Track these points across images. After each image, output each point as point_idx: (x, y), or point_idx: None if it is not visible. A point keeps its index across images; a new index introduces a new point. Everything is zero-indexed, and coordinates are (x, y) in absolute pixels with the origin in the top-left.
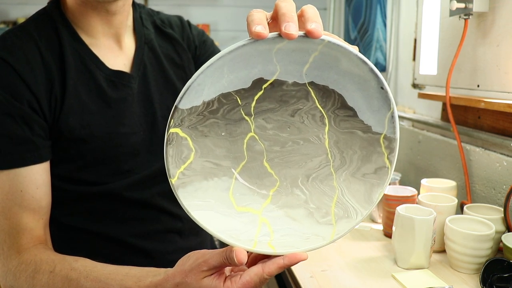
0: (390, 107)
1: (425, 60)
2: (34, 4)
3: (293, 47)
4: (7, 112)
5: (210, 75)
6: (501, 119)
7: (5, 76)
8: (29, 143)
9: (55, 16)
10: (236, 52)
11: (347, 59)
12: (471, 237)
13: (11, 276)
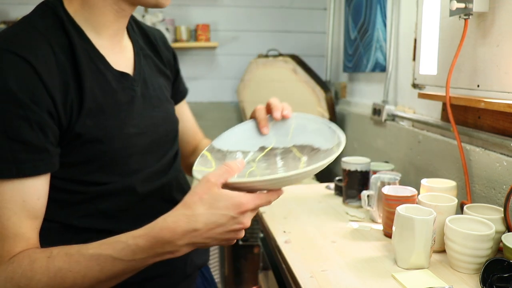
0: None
1: (425, 60)
2: (33, 4)
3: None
4: (25, 118)
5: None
6: (501, 119)
7: (27, 78)
8: (42, 152)
9: (59, 12)
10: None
11: (310, 122)
12: (471, 237)
13: (2, 280)
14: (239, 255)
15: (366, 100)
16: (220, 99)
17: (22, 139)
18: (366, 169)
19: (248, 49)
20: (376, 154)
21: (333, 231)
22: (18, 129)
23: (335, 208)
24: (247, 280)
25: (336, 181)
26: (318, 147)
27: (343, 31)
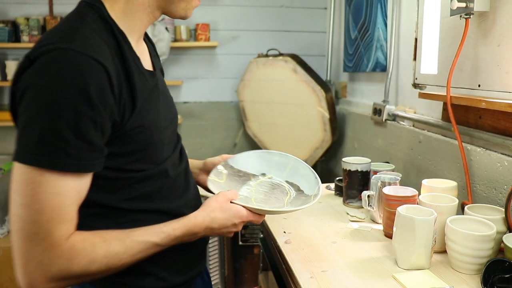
0: (318, 184)
1: (425, 60)
2: (33, 4)
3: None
4: (94, 120)
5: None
6: (502, 119)
7: (102, 83)
8: (99, 152)
9: (106, 17)
10: (258, 157)
11: (302, 166)
12: (472, 237)
13: (64, 260)
14: (239, 256)
15: (367, 100)
16: (220, 99)
17: (88, 139)
18: (366, 169)
19: (248, 48)
20: (376, 154)
21: (334, 232)
22: (87, 129)
23: (336, 209)
24: (247, 281)
25: (337, 181)
26: (302, 190)
27: (344, 31)
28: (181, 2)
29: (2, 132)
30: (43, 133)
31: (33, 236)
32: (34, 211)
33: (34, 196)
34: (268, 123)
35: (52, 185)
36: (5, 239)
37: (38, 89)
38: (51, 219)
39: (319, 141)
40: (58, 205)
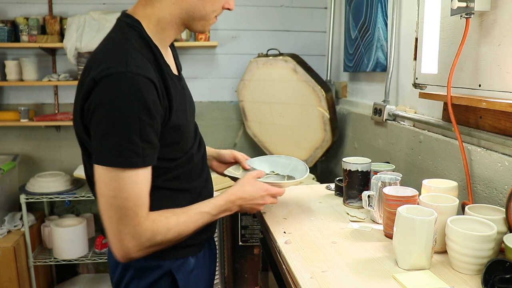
0: (307, 172)
1: (426, 60)
2: (32, 3)
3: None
4: (152, 125)
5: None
6: (503, 119)
7: (155, 96)
8: (156, 148)
9: (144, 34)
10: (268, 161)
11: (300, 165)
12: (473, 237)
13: (150, 233)
14: (239, 256)
15: (367, 100)
16: (220, 99)
17: (149, 140)
18: (366, 169)
19: (248, 48)
20: (377, 154)
21: (334, 232)
22: (148, 133)
23: (336, 209)
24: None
25: (337, 182)
26: (297, 179)
27: (344, 30)
28: (201, 21)
29: (2, 132)
30: (118, 141)
31: (124, 218)
32: (123, 199)
33: (120, 188)
34: (268, 123)
35: (131, 179)
36: (4, 239)
37: (109, 107)
38: (135, 203)
39: (319, 141)
40: (139, 191)
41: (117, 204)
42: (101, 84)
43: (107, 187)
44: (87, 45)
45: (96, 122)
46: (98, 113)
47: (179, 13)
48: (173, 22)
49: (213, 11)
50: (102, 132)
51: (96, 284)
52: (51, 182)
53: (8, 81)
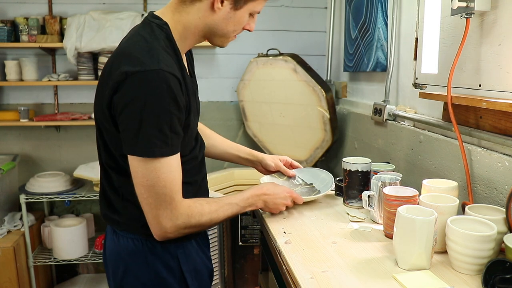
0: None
1: (426, 60)
2: (32, 3)
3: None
4: (179, 118)
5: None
6: (503, 119)
7: (181, 92)
8: (181, 138)
9: (171, 37)
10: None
11: (323, 173)
12: (473, 237)
13: (185, 216)
14: (239, 256)
15: (367, 100)
16: (220, 99)
17: (177, 132)
18: (367, 169)
19: (248, 48)
20: (377, 154)
21: (334, 232)
22: (176, 125)
23: (336, 209)
24: (247, 281)
25: (337, 182)
26: (318, 190)
27: (344, 30)
28: (222, 37)
29: (1, 132)
30: (152, 133)
31: (162, 203)
32: (160, 187)
33: (158, 177)
34: (268, 123)
35: (165, 167)
36: (4, 239)
37: (143, 101)
38: (172, 189)
39: (319, 141)
40: (173, 178)
41: (155, 191)
42: (134, 79)
43: (145, 177)
44: (87, 45)
45: (130, 115)
46: (131, 107)
47: (203, 27)
48: (196, 33)
49: (234, 31)
50: (136, 125)
51: (96, 284)
52: (51, 182)
53: (8, 81)
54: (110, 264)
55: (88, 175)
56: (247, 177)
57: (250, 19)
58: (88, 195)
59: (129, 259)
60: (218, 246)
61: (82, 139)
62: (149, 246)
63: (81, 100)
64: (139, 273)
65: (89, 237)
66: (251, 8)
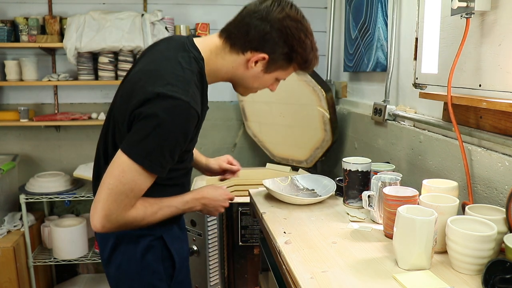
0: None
1: (426, 60)
2: (32, 3)
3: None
4: (181, 146)
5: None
6: (503, 119)
7: (194, 125)
8: (172, 164)
9: (203, 72)
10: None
11: (325, 179)
12: (473, 237)
13: (131, 218)
14: (239, 256)
15: (367, 100)
16: (220, 99)
17: (174, 157)
18: (367, 169)
19: None
20: (377, 154)
21: (334, 232)
22: (176, 153)
23: (336, 209)
24: (247, 281)
25: (337, 181)
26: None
27: (344, 30)
28: (245, 89)
29: (1, 132)
30: (153, 148)
31: (120, 201)
32: (128, 188)
33: (132, 180)
34: (268, 123)
35: (143, 178)
36: (4, 239)
37: (161, 121)
38: (135, 195)
39: (319, 141)
40: (142, 189)
41: (122, 189)
42: (162, 101)
43: (122, 173)
44: (87, 45)
45: (143, 126)
46: (149, 120)
47: (232, 75)
48: (224, 77)
49: (258, 88)
50: (145, 134)
51: (96, 284)
52: (51, 182)
53: (7, 81)
54: (98, 239)
55: (88, 175)
56: (247, 177)
57: (274, 82)
58: (88, 195)
59: (117, 240)
60: (218, 246)
61: (82, 139)
62: (137, 230)
63: (81, 100)
64: (125, 252)
65: (89, 237)
66: (278, 75)
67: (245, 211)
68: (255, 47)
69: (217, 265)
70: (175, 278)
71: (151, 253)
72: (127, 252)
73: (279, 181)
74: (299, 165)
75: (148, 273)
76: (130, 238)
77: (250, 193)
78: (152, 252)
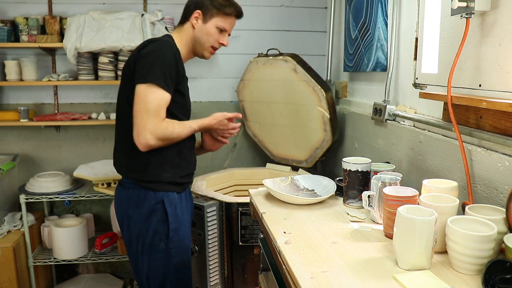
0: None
1: (426, 60)
2: (32, 3)
3: (318, 182)
4: (175, 70)
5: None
6: (503, 119)
7: (180, 60)
8: (172, 86)
9: (175, 47)
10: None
11: (325, 180)
12: (473, 237)
13: (163, 128)
14: (239, 256)
15: (367, 100)
16: (220, 99)
17: (173, 79)
18: (367, 169)
19: (248, 48)
20: (377, 154)
21: (334, 232)
22: (173, 75)
23: (336, 209)
24: (247, 281)
25: (337, 181)
26: (319, 195)
27: (344, 30)
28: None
29: (1, 132)
30: (159, 71)
31: (151, 116)
32: (155, 105)
33: (154, 97)
34: (268, 123)
35: (160, 95)
36: (4, 239)
37: (156, 54)
38: (160, 109)
39: (319, 141)
40: (163, 104)
41: (149, 107)
42: (153, 43)
43: (147, 96)
44: (87, 45)
45: (146, 60)
46: (148, 56)
47: (190, 39)
48: (187, 46)
49: (208, 41)
50: (149, 65)
51: (96, 284)
52: (51, 182)
53: (7, 81)
54: (115, 208)
55: (88, 175)
56: (247, 177)
57: (221, 35)
58: (88, 195)
59: (126, 203)
60: (218, 246)
61: (82, 139)
62: (143, 192)
63: (81, 100)
64: (132, 214)
65: (89, 237)
66: (216, 23)
67: (245, 211)
68: (191, 11)
69: (217, 265)
70: (171, 238)
71: (154, 215)
72: (134, 215)
73: (279, 181)
74: (299, 165)
75: (150, 232)
76: (137, 202)
77: (250, 193)
78: (155, 214)
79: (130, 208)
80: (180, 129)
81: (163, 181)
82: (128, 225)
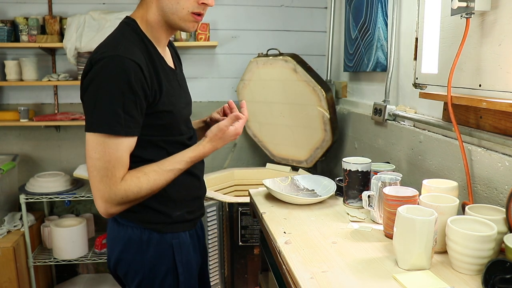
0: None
1: (426, 60)
2: (32, 3)
3: (318, 181)
4: (135, 102)
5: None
6: (503, 119)
7: (139, 76)
8: (138, 123)
9: (138, 31)
10: (310, 179)
11: (325, 180)
12: (473, 238)
13: (123, 191)
14: (239, 256)
15: (367, 100)
16: (220, 99)
17: (131, 114)
18: (367, 169)
19: (248, 48)
20: (377, 154)
21: (334, 232)
22: (131, 108)
23: (336, 209)
24: (247, 281)
25: (337, 181)
26: (318, 195)
27: (344, 30)
28: (179, 18)
29: (1, 132)
30: (105, 111)
31: (104, 177)
32: (105, 161)
33: (103, 152)
34: (268, 123)
35: (113, 145)
36: (4, 239)
37: (98, 84)
38: (114, 166)
39: (319, 141)
40: (119, 157)
41: (100, 165)
42: (95, 66)
43: (93, 150)
44: (87, 45)
45: (87, 96)
46: (89, 89)
47: (159, 14)
48: (158, 22)
49: (184, 7)
50: (92, 104)
51: (96, 284)
52: (51, 182)
53: (8, 81)
54: (108, 247)
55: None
56: (247, 177)
57: None
58: (88, 195)
59: (123, 247)
60: (218, 246)
61: (82, 139)
62: (147, 234)
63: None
64: (131, 261)
65: (89, 237)
66: None
67: (245, 211)
68: None
69: (217, 264)
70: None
71: (161, 264)
72: (135, 263)
73: (279, 181)
74: (299, 165)
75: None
76: (138, 245)
77: (250, 193)
78: (162, 263)
79: (129, 254)
80: (155, 178)
81: (167, 221)
82: (126, 272)
